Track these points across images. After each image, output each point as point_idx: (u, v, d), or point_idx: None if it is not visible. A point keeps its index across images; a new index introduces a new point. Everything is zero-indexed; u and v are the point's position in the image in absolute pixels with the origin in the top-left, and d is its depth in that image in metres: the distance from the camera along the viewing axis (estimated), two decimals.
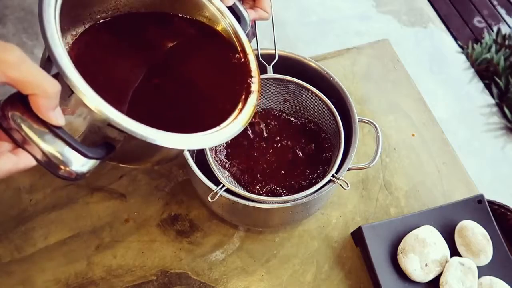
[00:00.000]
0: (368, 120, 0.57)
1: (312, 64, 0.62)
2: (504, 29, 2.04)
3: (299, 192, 0.52)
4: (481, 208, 0.64)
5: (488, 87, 1.85)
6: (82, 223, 0.62)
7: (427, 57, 1.90)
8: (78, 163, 0.32)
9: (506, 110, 1.76)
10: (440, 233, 0.61)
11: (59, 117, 0.31)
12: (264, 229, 0.64)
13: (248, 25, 0.52)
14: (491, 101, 1.82)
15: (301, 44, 1.80)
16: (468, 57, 1.92)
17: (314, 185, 0.52)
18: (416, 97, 0.81)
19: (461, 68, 1.90)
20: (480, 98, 1.82)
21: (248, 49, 0.48)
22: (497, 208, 0.65)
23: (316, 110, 0.61)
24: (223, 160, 0.59)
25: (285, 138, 0.62)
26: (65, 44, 0.38)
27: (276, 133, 0.62)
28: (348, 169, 0.54)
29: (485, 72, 1.88)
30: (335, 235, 0.65)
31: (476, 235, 0.61)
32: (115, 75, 0.44)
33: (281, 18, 1.85)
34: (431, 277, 0.59)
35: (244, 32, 0.50)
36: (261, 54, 0.60)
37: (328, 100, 0.59)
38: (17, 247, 0.60)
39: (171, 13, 0.49)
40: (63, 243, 0.61)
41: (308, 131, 0.63)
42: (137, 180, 0.66)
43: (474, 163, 1.54)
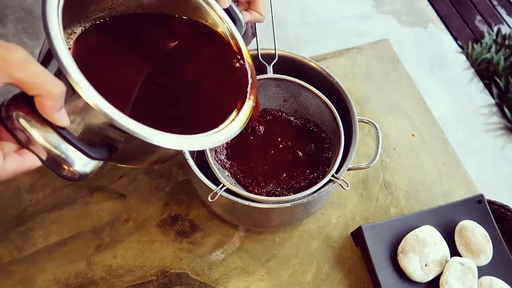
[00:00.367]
0: (368, 120, 0.57)
1: (312, 64, 0.62)
2: (504, 29, 2.04)
3: (299, 192, 0.52)
4: (481, 208, 0.64)
5: (488, 87, 1.85)
6: (82, 223, 0.62)
7: (427, 57, 1.89)
8: (82, 164, 0.32)
9: (506, 110, 1.76)
10: (440, 233, 0.61)
11: (64, 118, 0.31)
12: (264, 229, 0.64)
13: (243, 27, 0.53)
14: (491, 101, 1.82)
15: (301, 44, 1.80)
16: (468, 57, 1.92)
17: (314, 185, 0.52)
18: (416, 97, 0.81)
19: (461, 68, 1.90)
20: (480, 98, 1.82)
21: (245, 51, 0.49)
22: (497, 208, 0.65)
23: (316, 110, 0.61)
24: (223, 160, 0.59)
25: (285, 138, 0.62)
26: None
27: (276, 133, 0.62)
28: (348, 169, 0.54)
29: (485, 72, 1.87)
30: (335, 235, 0.65)
31: (476, 235, 0.61)
32: (115, 75, 0.44)
33: (281, 18, 1.84)
34: (431, 277, 0.59)
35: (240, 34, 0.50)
36: (261, 54, 0.60)
37: (328, 100, 0.59)
38: (17, 247, 0.60)
39: (169, 14, 0.49)
40: (63, 243, 0.61)
41: (308, 131, 0.63)
42: (137, 180, 0.66)
43: (474, 163, 1.54)
